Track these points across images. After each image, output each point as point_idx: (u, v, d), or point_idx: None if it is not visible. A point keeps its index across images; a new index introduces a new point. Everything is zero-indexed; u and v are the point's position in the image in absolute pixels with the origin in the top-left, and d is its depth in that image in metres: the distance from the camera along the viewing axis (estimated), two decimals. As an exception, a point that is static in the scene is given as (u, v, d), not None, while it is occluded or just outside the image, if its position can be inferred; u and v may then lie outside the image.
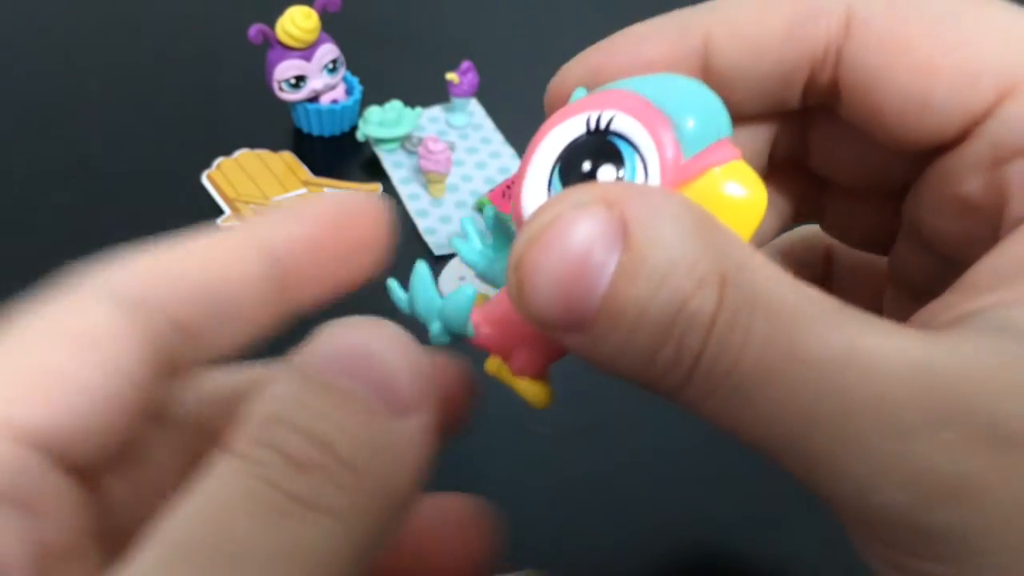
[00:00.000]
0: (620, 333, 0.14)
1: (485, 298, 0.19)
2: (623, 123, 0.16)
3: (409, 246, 0.50)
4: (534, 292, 0.15)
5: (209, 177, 0.53)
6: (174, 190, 0.52)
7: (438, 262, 0.49)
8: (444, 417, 0.16)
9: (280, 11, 0.52)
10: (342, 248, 0.18)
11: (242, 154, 0.54)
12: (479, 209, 0.51)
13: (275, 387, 0.14)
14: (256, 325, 0.18)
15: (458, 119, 0.57)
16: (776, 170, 0.23)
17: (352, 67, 0.57)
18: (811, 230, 0.27)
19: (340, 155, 0.55)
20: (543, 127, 0.17)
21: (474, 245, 0.20)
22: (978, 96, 0.18)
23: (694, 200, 0.16)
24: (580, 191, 0.15)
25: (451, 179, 0.53)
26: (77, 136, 0.55)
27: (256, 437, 0.14)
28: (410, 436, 0.14)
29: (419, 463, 0.14)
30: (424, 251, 0.50)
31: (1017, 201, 0.17)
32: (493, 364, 0.19)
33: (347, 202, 0.18)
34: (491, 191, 0.51)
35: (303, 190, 0.52)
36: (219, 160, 0.54)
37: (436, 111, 0.58)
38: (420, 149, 0.51)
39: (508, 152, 0.56)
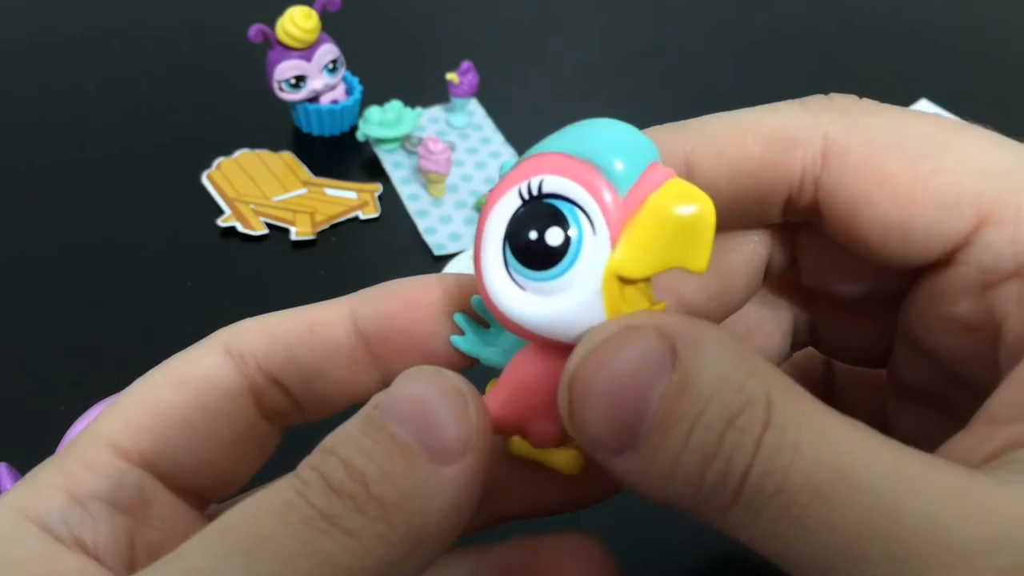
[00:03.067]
0: (670, 451, 0.15)
1: (495, 382, 0.19)
2: (553, 184, 0.17)
3: (409, 246, 0.50)
4: (586, 409, 0.15)
5: (209, 177, 0.53)
6: (174, 190, 0.52)
7: (438, 262, 0.49)
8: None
9: (280, 11, 0.52)
10: (416, 323, 0.20)
11: (242, 154, 0.54)
12: (479, 209, 0.52)
13: (345, 424, 0.16)
14: (349, 388, 0.20)
15: (458, 119, 0.57)
16: (773, 292, 0.24)
17: (352, 67, 0.57)
18: None
19: (340, 155, 0.55)
20: (483, 211, 0.18)
21: (471, 337, 0.20)
22: (958, 223, 0.18)
23: (644, 231, 0.16)
24: (635, 316, 0.16)
25: (451, 179, 0.53)
26: (77, 136, 0.55)
27: (311, 462, 0.16)
28: (444, 482, 0.15)
29: (452, 506, 0.16)
30: (424, 251, 0.50)
31: (1013, 323, 0.18)
32: (516, 445, 0.19)
33: (419, 283, 0.20)
34: (491, 191, 0.51)
35: (303, 190, 0.52)
36: (219, 160, 0.54)
37: (436, 111, 0.58)
38: (420, 149, 0.51)
39: (508, 152, 0.56)
